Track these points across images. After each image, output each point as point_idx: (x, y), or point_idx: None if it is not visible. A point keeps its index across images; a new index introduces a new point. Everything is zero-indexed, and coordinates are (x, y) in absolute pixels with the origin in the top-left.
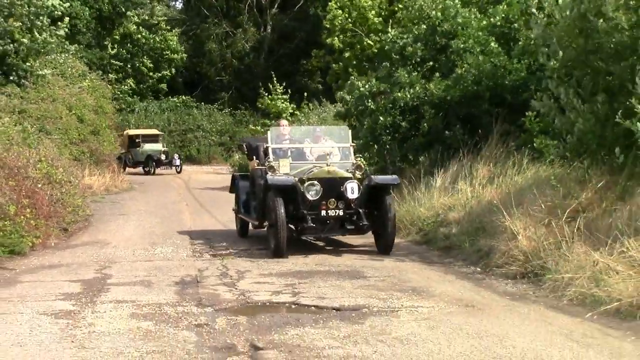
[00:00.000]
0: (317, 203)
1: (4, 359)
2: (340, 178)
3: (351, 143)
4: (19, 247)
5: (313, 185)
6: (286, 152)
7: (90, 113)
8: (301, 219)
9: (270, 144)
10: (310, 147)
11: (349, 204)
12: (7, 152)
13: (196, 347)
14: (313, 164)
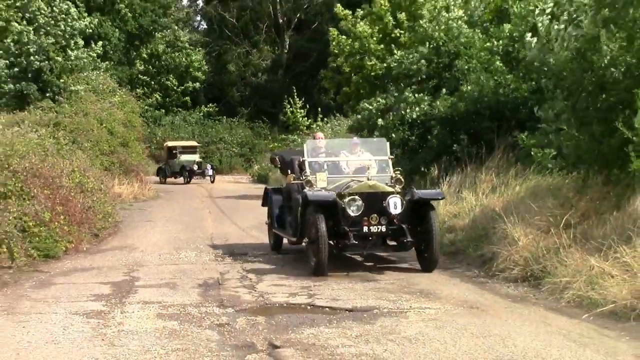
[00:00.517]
0: (358, 219)
1: (40, 356)
2: (382, 192)
3: (389, 155)
4: (53, 251)
5: (354, 201)
6: (322, 166)
7: (119, 126)
8: (342, 235)
9: (306, 157)
10: (348, 160)
11: (391, 220)
12: (42, 163)
13: (218, 346)
14: (351, 177)
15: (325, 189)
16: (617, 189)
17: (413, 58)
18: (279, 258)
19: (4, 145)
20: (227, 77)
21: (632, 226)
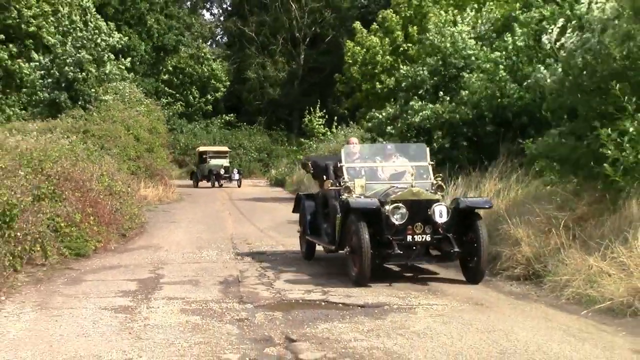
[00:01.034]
0: (402, 227)
1: (71, 348)
2: (427, 200)
3: (429, 161)
4: (84, 250)
5: (398, 209)
6: (359, 172)
7: (145, 133)
8: (385, 245)
9: (344, 163)
10: (387, 165)
11: (436, 229)
12: (73, 167)
13: (238, 339)
14: (390, 184)
15: (364, 195)
16: (611, 193)
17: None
18: (296, 257)
19: (38, 151)
20: (246, 87)
21: (628, 228)
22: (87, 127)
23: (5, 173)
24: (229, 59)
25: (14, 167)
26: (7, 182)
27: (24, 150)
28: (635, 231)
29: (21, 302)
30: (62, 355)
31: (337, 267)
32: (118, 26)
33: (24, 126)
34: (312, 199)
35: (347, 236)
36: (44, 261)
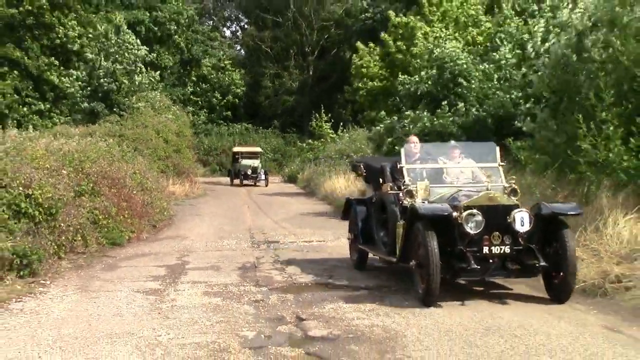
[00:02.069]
0: (477, 237)
1: (108, 326)
2: (505, 206)
3: (500, 162)
4: (119, 239)
5: (473, 215)
6: (420, 174)
7: (173, 136)
8: (458, 257)
9: (404, 164)
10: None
11: (516, 239)
12: (110, 167)
13: (254, 318)
14: (456, 187)
15: (428, 200)
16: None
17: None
18: (306, 246)
19: (79, 153)
20: (262, 93)
21: (599, 217)
22: (122, 132)
23: (50, 172)
24: (246, 69)
25: (58, 166)
26: (52, 180)
27: (67, 152)
28: (605, 221)
29: (64, 286)
30: (99, 332)
31: (343, 255)
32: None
33: (67, 131)
34: (364, 204)
35: (412, 247)
36: (84, 249)
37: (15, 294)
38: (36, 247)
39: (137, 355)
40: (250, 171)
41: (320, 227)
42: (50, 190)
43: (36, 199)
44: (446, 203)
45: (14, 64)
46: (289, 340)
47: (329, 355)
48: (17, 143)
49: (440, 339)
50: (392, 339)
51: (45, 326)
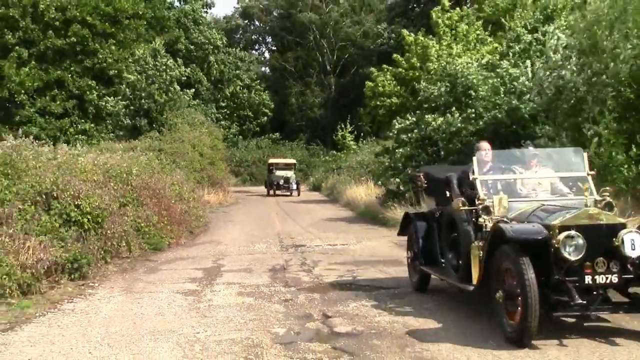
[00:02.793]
0: (578, 264)
1: (150, 324)
2: (610, 225)
3: (588, 171)
4: (160, 245)
5: (572, 238)
6: (494, 186)
7: (207, 150)
8: (554, 288)
9: (477, 175)
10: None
11: (625, 266)
12: (151, 178)
13: (284, 316)
14: (538, 202)
15: (506, 217)
16: None
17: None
18: (331, 249)
19: (122, 166)
20: (288, 109)
21: None
22: (161, 146)
23: (97, 184)
24: (272, 87)
25: (104, 179)
26: (98, 191)
27: (111, 165)
28: None
29: (110, 288)
30: (143, 330)
31: (363, 256)
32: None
33: (111, 146)
34: (426, 219)
35: (497, 275)
36: (128, 254)
37: (67, 296)
38: (85, 253)
39: (178, 351)
40: (282, 181)
41: (343, 231)
42: (97, 201)
43: (84, 208)
44: (537, 222)
45: (61, 86)
46: (317, 336)
47: (354, 349)
48: (67, 158)
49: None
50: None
51: (94, 324)
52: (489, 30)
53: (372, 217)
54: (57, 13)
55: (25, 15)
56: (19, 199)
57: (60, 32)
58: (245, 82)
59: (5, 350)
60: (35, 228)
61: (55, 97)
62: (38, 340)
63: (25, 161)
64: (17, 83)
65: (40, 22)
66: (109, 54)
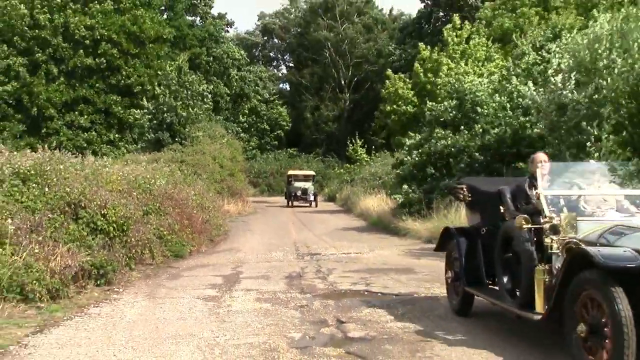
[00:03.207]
0: None
1: (172, 328)
2: None
3: None
4: (181, 252)
5: None
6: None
7: (227, 161)
8: None
9: (541, 190)
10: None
11: None
12: (173, 189)
13: (300, 321)
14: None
15: (576, 239)
16: None
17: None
18: (345, 257)
19: (146, 177)
20: (304, 123)
21: None
22: (183, 158)
23: (122, 194)
24: (289, 101)
25: (128, 189)
26: (123, 201)
27: (136, 176)
28: None
29: (134, 293)
30: (165, 334)
31: (376, 264)
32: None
33: (136, 157)
34: (470, 235)
35: (574, 305)
36: (151, 261)
37: (94, 300)
38: (110, 260)
39: (198, 354)
40: (300, 192)
41: (357, 240)
42: (122, 210)
43: (110, 217)
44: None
45: (88, 102)
46: (331, 340)
47: (367, 354)
48: (94, 169)
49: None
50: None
51: (119, 328)
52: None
53: (384, 226)
54: (86, 32)
55: (57, 35)
56: (49, 208)
57: (88, 51)
58: (264, 97)
59: (34, 352)
60: (63, 236)
61: (83, 111)
62: (66, 343)
63: (55, 172)
64: (46, 98)
65: (70, 41)
66: (134, 72)
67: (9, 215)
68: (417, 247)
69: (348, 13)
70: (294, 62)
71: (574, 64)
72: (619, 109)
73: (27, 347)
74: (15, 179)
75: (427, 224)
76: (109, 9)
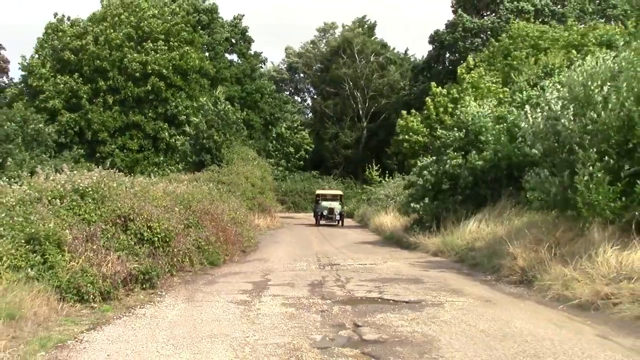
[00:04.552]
0: None
1: (208, 328)
2: None
3: None
4: (217, 261)
5: None
6: None
7: (258, 181)
8: None
9: None
10: None
11: None
12: (210, 205)
13: (321, 325)
14: None
15: None
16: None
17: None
18: (360, 267)
19: (187, 194)
20: (325, 148)
21: (592, 247)
22: (219, 178)
23: (166, 209)
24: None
25: (171, 205)
26: (167, 215)
27: (178, 193)
28: (596, 250)
29: (175, 297)
30: (202, 333)
31: (388, 274)
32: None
33: (178, 177)
34: None
35: None
36: (190, 268)
37: (140, 302)
38: (155, 267)
39: (231, 352)
40: (327, 212)
41: (372, 252)
42: (166, 223)
43: (155, 229)
44: None
45: (138, 127)
46: (348, 342)
47: (380, 354)
48: (142, 187)
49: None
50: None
51: (161, 327)
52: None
53: (396, 241)
54: (138, 66)
55: (114, 67)
56: (102, 220)
57: (139, 83)
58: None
59: (88, 347)
60: (114, 245)
61: (133, 136)
62: (115, 339)
63: (109, 189)
64: (101, 123)
65: (124, 73)
66: (179, 102)
67: (69, 226)
68: (426, 259)
69: (365, 53)
70: (317, 95)
71: (570, 97)
72: (609, 139)
73: (82, 342)
74: (75, 195)
75: (434, 239)
76: (161, 48)
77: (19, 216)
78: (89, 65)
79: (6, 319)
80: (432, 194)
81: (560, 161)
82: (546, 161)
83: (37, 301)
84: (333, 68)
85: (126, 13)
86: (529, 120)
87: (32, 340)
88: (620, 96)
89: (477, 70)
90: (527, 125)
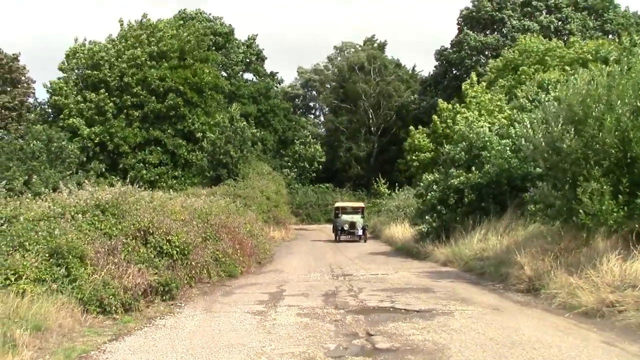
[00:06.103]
0: None
1: (226, 338)
2: None
3: None
4: (234, 273)
5: None
6: None
7: (273, 194)
8: None
9: None
10: None
11: None
12: (227, 218)
13: (335, 334)
14: None
15: None
16: (582, 233)
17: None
18: (372, 277)
19: (205, 208)
20: (338, 161)
21: (596, 257)
22: (236, 192)
23: (184, 223)
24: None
25: (190, 218)
26: (185, 228)
27: (196, 207)
28: (600, 259)
29: (194, 307)
30: (220, 343)
31: (399, 284)
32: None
33: (196, 191)
34: None
35: None
36: (208, 280)
37: (160, 313)
38: (174, 278)
39: None
40: (348, 226)
41: (383, 263)
42: (184, 237)
43: (174, 242)
44: None
45: (158, 143)
46: (362, 351)
47: None
48: (161, 201)
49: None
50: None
51: (180, 337)
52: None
53: (407, 251)
54: (159, 83)
55: (138, 84)
56: (123, 234)
57: (159, 99)
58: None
59: (111, 357)
60: (135, 258)
61: (153, 151)
62: (136, 350)
63: (129, 204)
64: (122, 138)
65: (147, 90)
66: (196, 119)
67: (91, 240)
68: (435, 269)
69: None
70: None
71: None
72: (609, 156)
73: (105, 352)
74: (96, 210)
75: (444, 249)
76: (173, 64)
77: (43, 231)
78: (115, 80)
79: (33, 330)
80: (440, 207)
81: (562, 175)
82: (548, 174)
83: (62, 313)
84: (350, 82)
85: (145, 34)
86: (530, 137)
87: (57, 351)
88: (614, 114)
89: (480, 86)
90: (528, 142)
